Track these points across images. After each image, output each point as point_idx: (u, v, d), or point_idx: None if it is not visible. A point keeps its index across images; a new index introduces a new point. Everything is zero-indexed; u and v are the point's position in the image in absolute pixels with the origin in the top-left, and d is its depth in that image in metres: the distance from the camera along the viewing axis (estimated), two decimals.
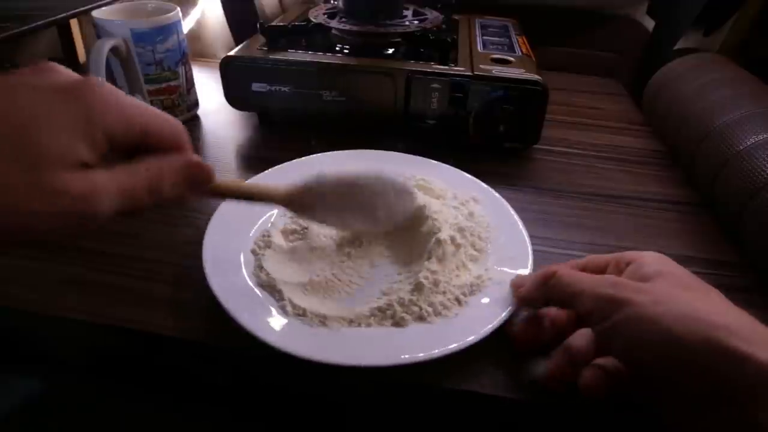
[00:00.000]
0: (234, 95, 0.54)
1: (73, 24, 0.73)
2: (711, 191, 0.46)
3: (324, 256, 0.37)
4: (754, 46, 0.66)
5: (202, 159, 0.26)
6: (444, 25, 0.63)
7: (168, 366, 0.36)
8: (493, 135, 0.51)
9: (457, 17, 0.69)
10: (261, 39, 0.55)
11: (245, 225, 0.39)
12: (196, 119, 0.59)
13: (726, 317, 0.23)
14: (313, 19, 0.58)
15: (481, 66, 0.51)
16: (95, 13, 0.51)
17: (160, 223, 0.41)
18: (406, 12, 0.61)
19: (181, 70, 0.55)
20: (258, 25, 0.55)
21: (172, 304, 0.34)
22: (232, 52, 0.53)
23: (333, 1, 0.68)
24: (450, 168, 0.46)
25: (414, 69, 0.50)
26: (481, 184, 0.44)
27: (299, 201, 0.33)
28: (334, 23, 0.57)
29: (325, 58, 0.52)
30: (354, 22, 0.57)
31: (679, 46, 0.74)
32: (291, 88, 0.52)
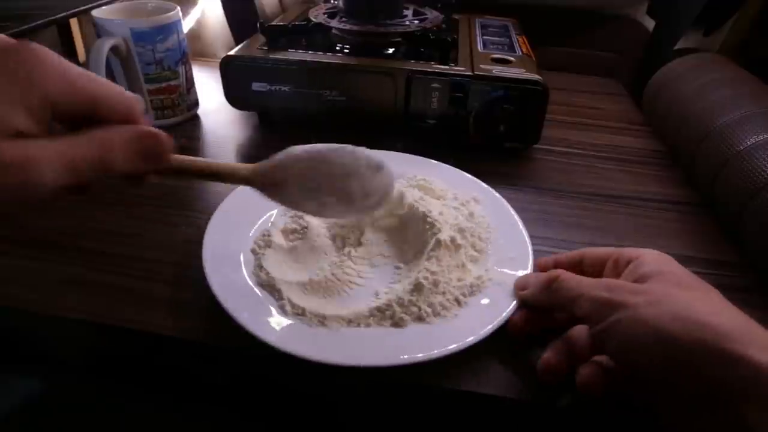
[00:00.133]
0: (234, 95, 0.54)
1: (73, 23, 0.73)
2: (711, 191, 0.46)
3: (324, 255, 0.37)
4: (754, 46, 0.66)
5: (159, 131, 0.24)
6: (444, 25, 0.63)
7: (168, 366, 0.36)
8: (493, 135, 0.51)
9: (457, 17, 0.69)
10: (261, 38, 0.55)
11: (245, 224, 0.39)
12: (196, 119, 0.59)
13: (722, 318, 0.23)
14: (314, 19, 0.58)
15: (481, 66, 0.51)
16: (95, 13, 0.51)
17: (160, 223, 0.41)
18: (406, 12, 0.61)
19: (181, 69, 0.55)
20: (258, 25, 0.55)
21: (172, 304, 0.34)
22: (232, 52, 0.53)
23: (333, 1, 0.68)
24: (450, 168, 0.46)
25: (414, 69, 0.50)
26: (481, 184, 0.44)
27: (266, 178, 0.30)
28: (335, 23, 0.57)
29: (325, 58, 0.52)
30: (354, 22, 0.57)
31: (679, 46, 0.74)
32: (291, 87, 0.52)
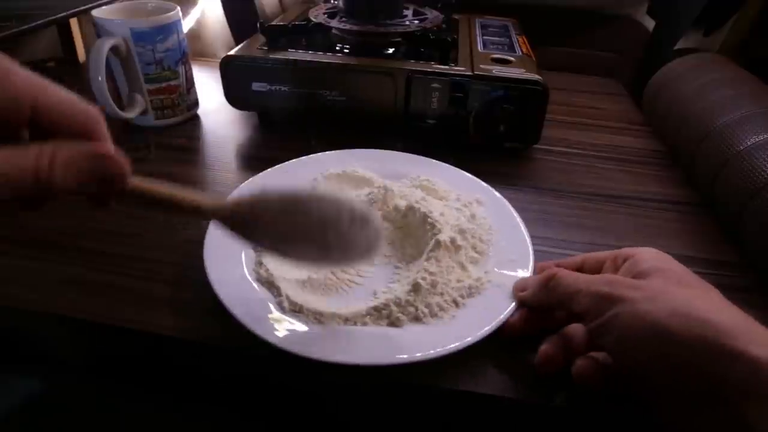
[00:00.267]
0: (234, 95, 0.54)
1: (73, 23, 0.73)
2: (711, 191, 0.46)
3: None
4: (754, 47, 0.66)
5: (117, 152, 0.22)
6: (444, 25, 0.63)
7: (168, 366, 0.36)
8: (493, 135, 0.51)
9: (457, 17, 0.69)
10: (261, 38, 0.55)
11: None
12: (196, 119, 0.59)
13: (720, 314, 0.23)
14: (314, 19, 0.58)
15: (481, 66, 0.51)
16: (95, 13, 0.51)
17: (160, 223, 0.41)
18: (406, 12, 0.61)
19: (181, 69, 0.55)
20: (258, 25, 0.55)
21: (172, 304, 0.34)
22: (232, 52, 0.53)
23: (333, 1, 0.68)
24: (454, 169, 0.46)
25: (414, 69, 0.50)
26: (485, 185, 0.44)
27: (232, 216, 0.28)
28: (335, 23, 0.57)
29: (325, 58, 0.52)
30: (354, 22, 0.57)
31: (679, 46, 0.74)
32: (291, 87, 0.52)
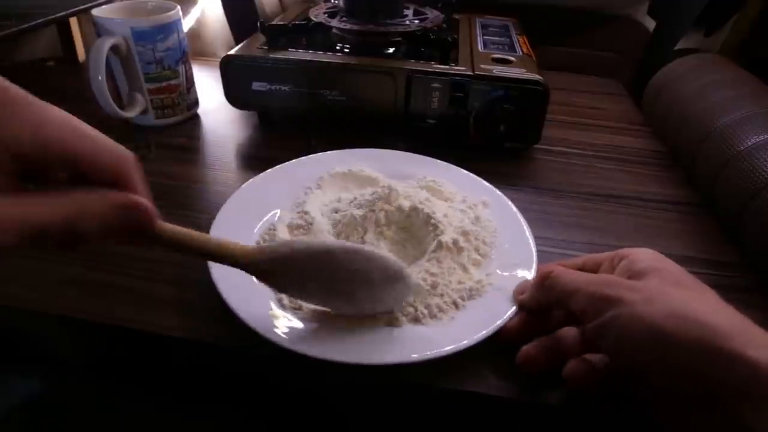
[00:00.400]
0: (234, 94, 0.54)
1: (73, 22, 0.73)
2: (711, 192, 0.46)
3: None
4: (755, 47, 0.66)
5: (147, 199, 0.22)
6: (444, 25, 0.63)
7: (168, 366, 0.36)
8: (493, 135, 0.51)
9: (457, 16, 0.68)
10: (261, 38, 0.55)
11: (252, 220, 0.39)
12: (196, 118, 0.59)
13: (717, 316, 0.23)
14: (314, 18, 0.58)
15: (481, 65, 0.51)
16: (95, 12, 0.51)
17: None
18: (407, 11, 0.61)
19: (181, 68, 0.55)
20: (258, 24, 0.54)
21: (172, 303, 0.34)
22: (233, 51, 0.53)
23: (333, 0, 0.68)
24: (460, 170, 0.45)
25: (414, 68, 0.50)
26: (491, 187, 0.43)
27: (264, 267, 0.28)
28: (335, 22, 0.56)
29: (325, 58, 0.52)
30: (354, 21, 0.57)
31: (680, 46, 0.75)
32: (291, 87, 0.52)
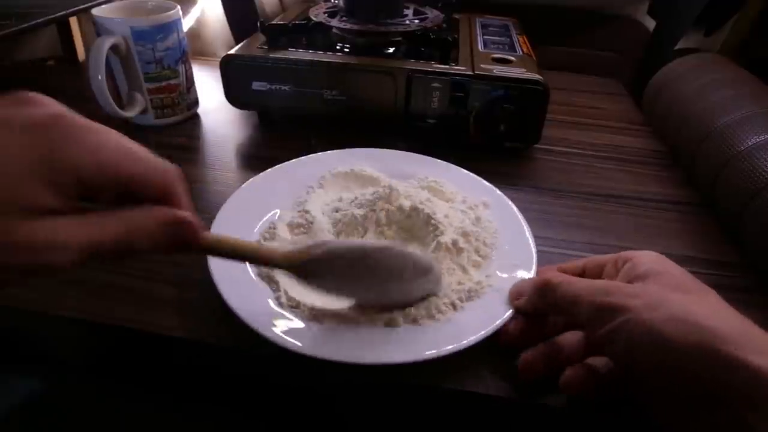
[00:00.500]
0: (234, 94, 0.54)
1: (73, 22, 0.73)
2: (711, 191, 0.46)
3: None
4: (755, 47, 0.66)
5: (190, 211, 0.23)
6: (444, 24, 0.63)
7: (168, 366, 0.36)
8: (493, 134, 0.51)
9: (457, 16, 0.68)
10: (261, 38, 0.55)
11: (252, 219, 0.39)
12: (196, 118, 0.59)
13: (718, 320, 0.23)
14: (314, 18, 0.58)
15: (481, 65, 0.51)
16: (95, 11, 0.51)
17: None
18: (407, 11, 0.61)
19: (181, 68, 0.55)
20: (258, 24, 0.54)
21: (173, 303, 0.34)
22: (233, 51, 0.53)
23: (333, 0, 0.68)
24: (461, 170, 0.45)
25: (414, 68, 0.50)
26: (492, 188, 0.43)
27: (303, 268, 0.30)
28: (335, 22, 0.56)
29: (325, 57, 0.52)
30: (354, 21, 0.56)
31: (680, 46, 0.75)
32: (291, 87, 0.52)
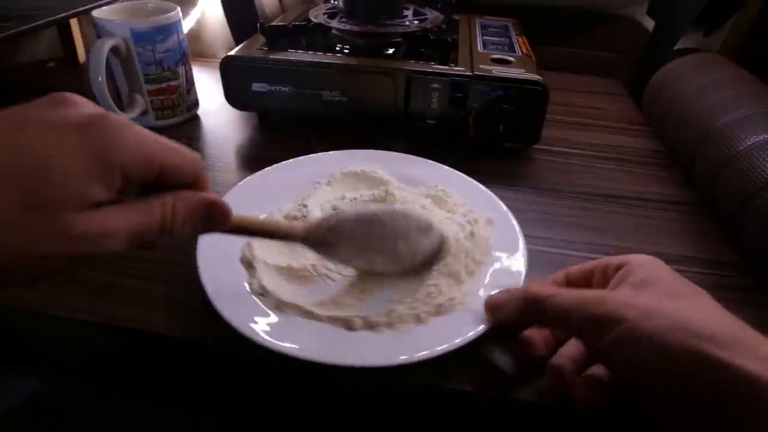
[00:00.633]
0: (234, 95, 0.54)
1: (73, 24, 0.73)
2: (711, 191, 0.46)
3: None
4: (754, 47, 0.66)
5: (218, 197, 0.25)
6: (444, 25, 0.63)
7: (168, 366, 0.36)
8: (493, 135, 0.51)
9: (457, 17, 0.69)
10: (261, 39, 0.55)
11: (254, 210, 0.39)
12: (196, 119, 0.59)
13: (712, 324, 0.23)
14: (314, 19, 0.58)
15: (481, 66, 0.51)
16: (95, 13, 0.51)
17: None
18: (407, 12, 0.61)
19: (181, 69, 0.55)
20: (258, 25, 0.55)
21: (173, 303, 0.34)
22: (232, 52, 0.53)
23: (333, 1, 0.68)
24: (478, 185, 0.43)
25: (414, 69, 0.50)
26: (501, 205, 0.41)
27: (319, 238, 0.32)
28: (335, 23, 0.57)
29: (325, 58, 0.52)
30: (354, 22, 0.57)
31: (679, 46, 0.74)
32: (291, 88, 0.52)
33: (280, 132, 0.57)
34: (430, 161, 0.47)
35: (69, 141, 0.20)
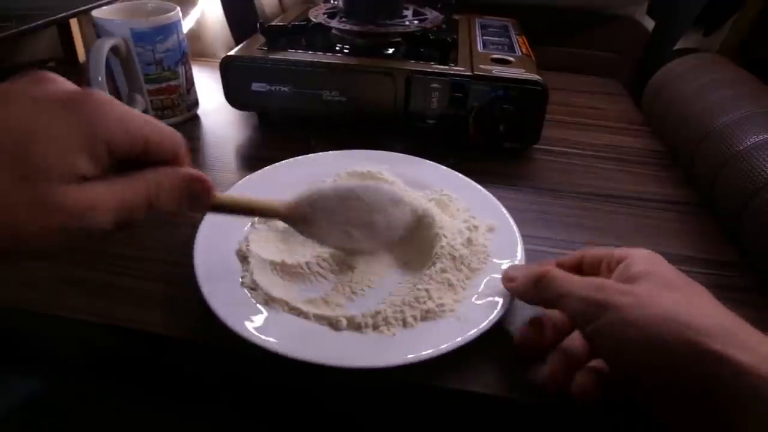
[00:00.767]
0: (234, 95, 0.54)
1: (73, 24, 0.73)
2: (711, 191, 0.46)
3: (309, 245, 0.37)
4: (754, 47, 0.66)
5: (201, 171, 0.26)
6: (444, 25, 0.63)
7: (168, 366, 0.36)
8: (493, 135, 0.51)
9: (457, 17, 0.69)
10: (261, 39, 0.55)
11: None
12: (196, 119, 0.59)
13: (706, 318, 0.23)
14: (313, 19, 0.58)
15: (481, 66, 0.51)
16: (95, 13, 0.51)
17: (160, 223, 0.41)
18: (406, 12, 0.61)
19: (181, 69, 0.55)
20: (258, 25, 0.55)
21: (172, 304, 0.34)
22: (232, 52, 0.53)
23: (333, 1, 0.68)
24: (484, 192, 0.43)
25: (414, 69, 0.50)
26: (504, 213, 0.40)
27: (299, 214, 0.33)
28: (334, 23, 0.57)
29: (325, 58, 0.52)
30: (354, 22, 0.57)
31: (679, 46, 0.74)
32: (291, 87, 0.52)
33: (280, 132, 0.57)
34: (431, 162, 0.46)
35: (53, 115, 0.20)
